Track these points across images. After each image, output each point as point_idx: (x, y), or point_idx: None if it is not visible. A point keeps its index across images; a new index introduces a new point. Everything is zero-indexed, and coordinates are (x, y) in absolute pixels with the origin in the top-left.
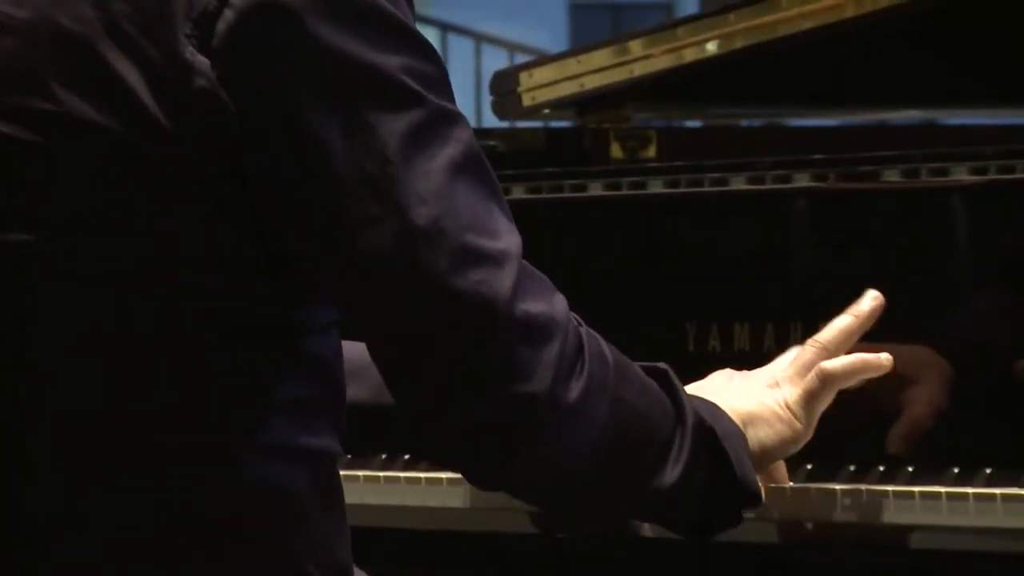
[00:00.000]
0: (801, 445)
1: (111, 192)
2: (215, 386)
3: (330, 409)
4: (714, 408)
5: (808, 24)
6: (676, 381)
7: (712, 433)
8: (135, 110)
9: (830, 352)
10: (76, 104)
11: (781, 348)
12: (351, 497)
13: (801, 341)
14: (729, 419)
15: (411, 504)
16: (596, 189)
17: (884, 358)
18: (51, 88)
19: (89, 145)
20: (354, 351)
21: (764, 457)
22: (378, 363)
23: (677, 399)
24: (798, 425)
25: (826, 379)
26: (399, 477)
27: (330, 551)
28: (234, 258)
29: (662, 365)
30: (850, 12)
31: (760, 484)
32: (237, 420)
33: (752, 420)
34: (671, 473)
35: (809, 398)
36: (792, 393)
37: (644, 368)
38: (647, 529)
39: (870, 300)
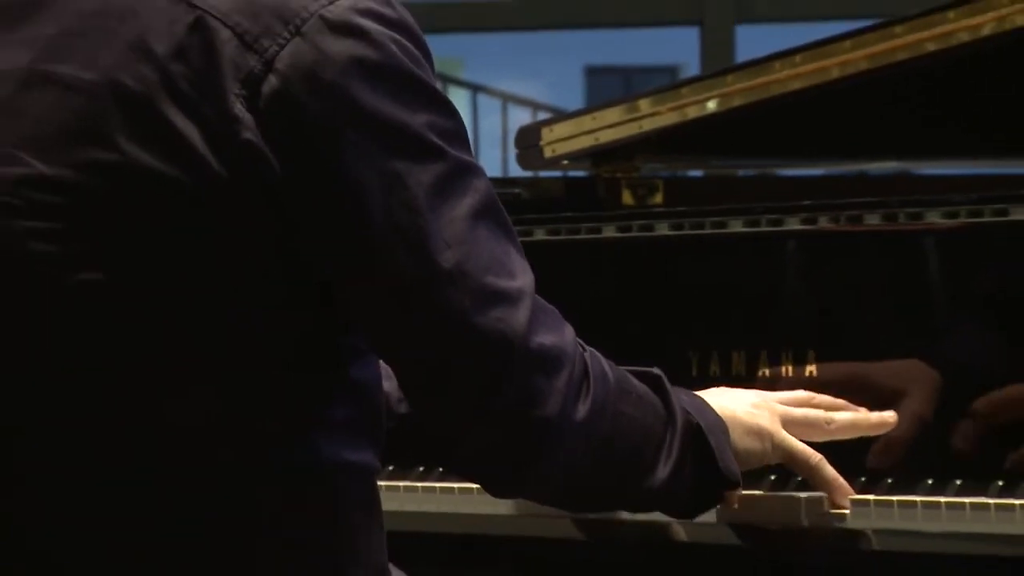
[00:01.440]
0: (761, 465)
1: (172, 234)
2: (271, 407)
3: (370, 428)
4: (700, 402)
5: (797, 84)
6: (667, 385)
7: (698, 428)
8: (191, 159)
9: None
10: (139, 154)
11: (774, 373)
12: (392, 505)
13: (792, 366)
14: (714, 412)
15: (445, 511)
16: (609, 232)
17: (876, 420)
18: (116, 141)
19: (151, 192)
20: None
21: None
22: (406, 389)
23: (668, 401)
24: (768, 446)
25: (803, 425)
26: (435, 487)
27: (370, 553)
28: (284, 293)
29: (655, 370)
30: (835, 74)
31: (738, 472)
32: (290, 438)
33: (732, 422)
34: (663, 470)
35: (780, 431)
36: (772, 421)
37: (639, 373)
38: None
39: (881, 417)
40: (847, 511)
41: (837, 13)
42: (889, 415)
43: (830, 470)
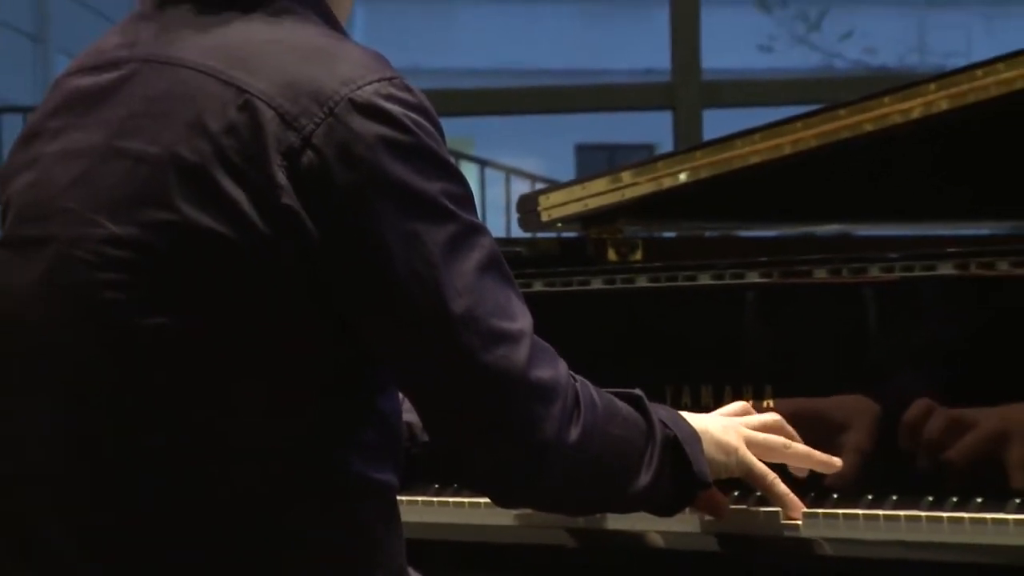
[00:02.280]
0: (725, 476)
1: (225, 283)
2: (311, 432)
3: (392, 451)
4: (677, 416)
5: (755, 159)
6: (647, 403)
7: (675, 439)
8: (240, 220)
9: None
10: (195, 215)
11: None
12: (412, 516)
13: (752, 400)
14: (688, 424)
15: (457, 522)
16: (596, 284)
17: (824, 459)
18: (176, 204)
19: (206, 247)
20: None
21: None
22: (423, 416)
23: (648, 417)
24: (732, 461)
25: (763, 447)
26: (448, 501)
27: (391, 557)
28: (320, 332)
29: (637, 391)
30: (787, 150)
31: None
32: (325, 458)
33: (704, 435)
34: (645, 476)
35: (743, 450)
36: (738, 440)
37: (623, 395)
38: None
39: (829, 458)
40: (799, 522)
41: (790, 99)
42: (836, 461)
43: (782, 487)
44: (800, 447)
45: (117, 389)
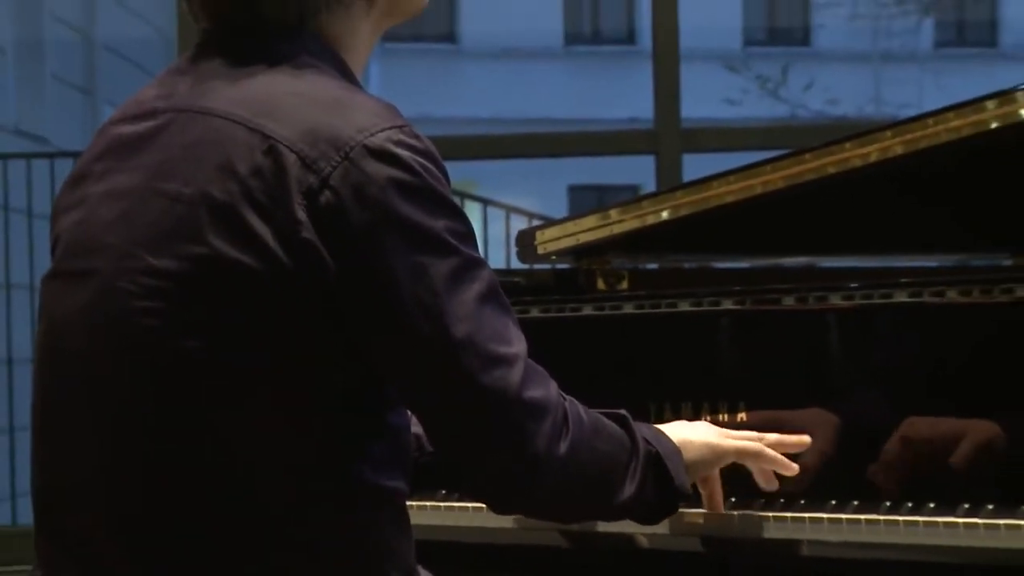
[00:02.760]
0: (714, 469)
1: (251, 309)
2: (329, 444)
3: (401, 462)
4: (658, 433)
5: (730, 198)
6: (631, 422)
7: (657, 454)
8: (264, 252)
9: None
10: (225, 249)
11: (713, 420)
12: (421, 520)
13: (727, 414)
14: (670, 440)
15: (462, 525)
16: (587, 311)
17: (796, 440)
18: (207, 238)
19: (234, 277)
20: None
21: (689, 469)
22: (427, 431)
23: (632, 435)
24: (717, 454)
25: (743, 452)
26: (454, 506)
27: (403, 558)
28: (336, 354)
29: (623, 412)
30: (758, 191)
31: (689, 486)
32: (342, 467)
33: (685, 444)
34: (629, 488)
35: (724, 440)
36: (718, 437)
37: (610, 414)
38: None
39: (799, 438)
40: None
41: (760, 145)
42: (805, 437)
43: (772, 452)
44: (772, 436)
45: (152, 407)
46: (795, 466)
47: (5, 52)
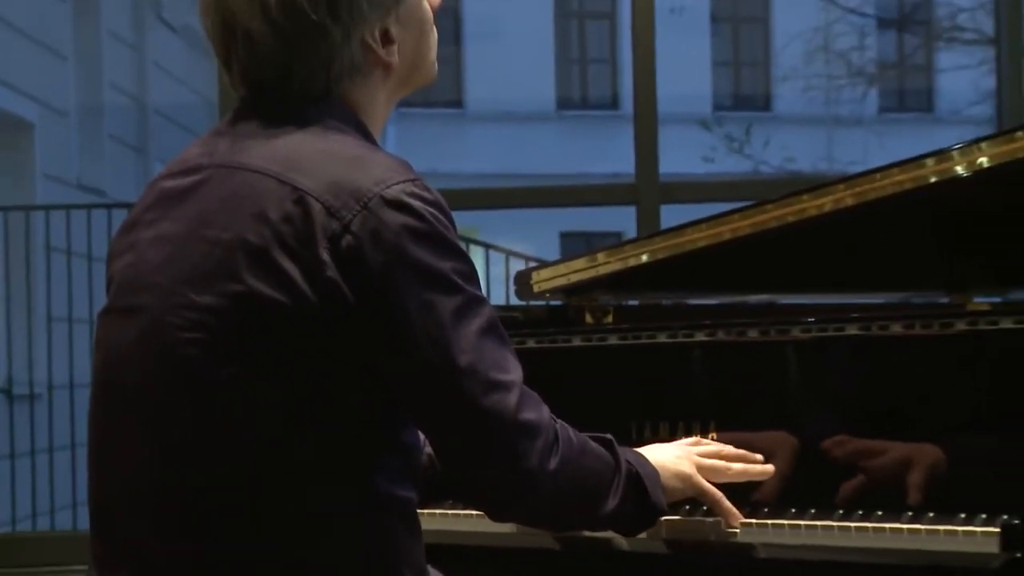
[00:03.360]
0: (682, 498)
1: (282, 339)
2: (350, 458)
3: (413, 474)
4: (639, 456)
5: (702, 243)
6: (616, 445)
7: (637, 474)
8: (293, 290)
9: (724, 459)
10: (259, 287)
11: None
12: (432, 525)
13: (699, 434)
14: (650, 464)
15: (467, 529)
16: (576, 342)
17: (759, 471)
18: (243, 277)
19: (267, 311)
20: None
21: (665, 491)
22: (434, 448)
23: (615, 456)
24: (687, 486)
25: (710, 471)
26: (459, 513)
27: (414, 558)
28: (353, 379)
29: (608, 436)
30: (726, 236)
31: (665, 504)
32: (361, 478)
33: (662, 469)
34: (612, 502)
35: (696, 475)
36: (691, 467)
37: (597, 438)
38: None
39: (763, 468)
40: (738, 530)
41: (728, 197)
42: (769, 468)
43: (726, 503)
44: (737, 467)
45: (192, 426)
46: (769, 468)
47: (69, 115)
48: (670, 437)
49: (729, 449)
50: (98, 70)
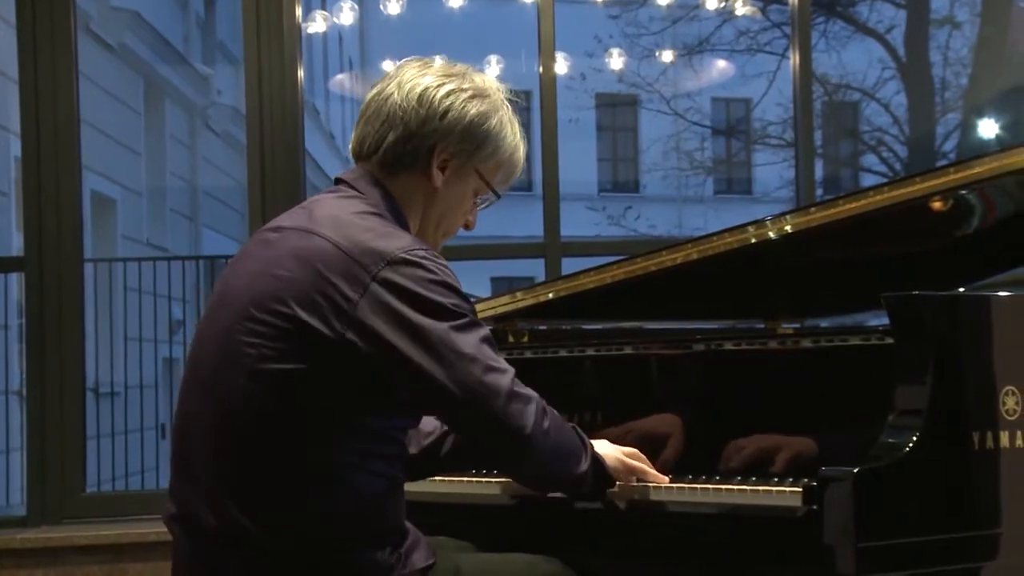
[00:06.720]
0: (616, 476)
1: (314, 352)
2: (352, 442)
3: (399, 457)
4: (592, 442)
5: (591, 285)
6: (579, 430)
7: (595, 452)
8: (326, 319)
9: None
10: (302, 314)
11: (607, 424)
12: (431, 488)
13: (614, 426)
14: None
15: (457, 492)
16: (502, 356)
17: (656, 479)
18: (291, 305)
19: (306, 333)
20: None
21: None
22: (449, 423)
23: (582, 436)
24: (621, 467)
25: (631, 470)
26: (453, 479)
27: (396, 516)
28: (370, 384)
29: (573, 424)
30: (609, 280)
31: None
32: (365, 461)
33: (605, 455)
34: (584, 464)
35: (628, 461)
36: (616, 461)
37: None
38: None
39: (657, 477)
40: (659, 488)
41: (610, 252)
42: (664, 479)
43: (654, 473)
44: (645, 472)
45: (244, 405)
46: (663, 478)
47: (142, 195)
48: (604, 425)
49: (638, 452)
50: (162, 162)
